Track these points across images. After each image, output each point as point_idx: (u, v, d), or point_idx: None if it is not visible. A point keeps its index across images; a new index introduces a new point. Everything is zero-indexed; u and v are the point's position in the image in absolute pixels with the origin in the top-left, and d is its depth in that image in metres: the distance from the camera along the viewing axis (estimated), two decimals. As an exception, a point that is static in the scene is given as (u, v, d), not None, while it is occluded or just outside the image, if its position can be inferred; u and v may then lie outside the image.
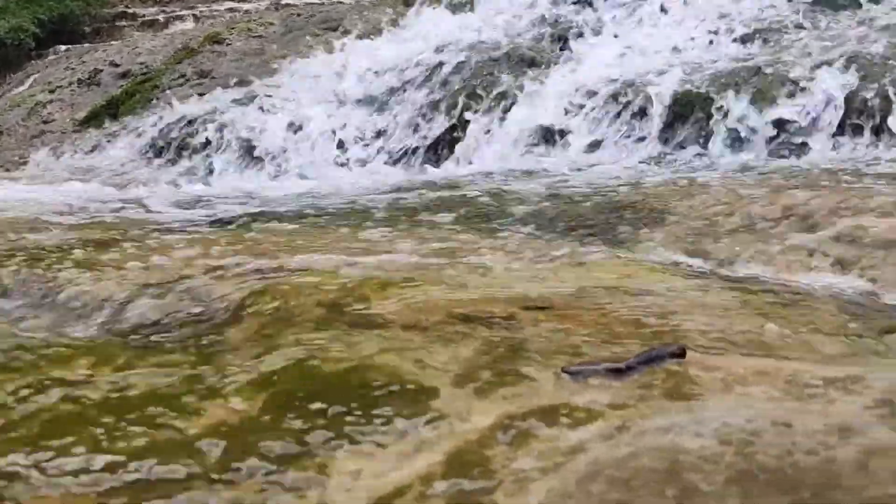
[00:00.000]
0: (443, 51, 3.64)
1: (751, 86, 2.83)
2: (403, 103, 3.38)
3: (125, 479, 0.96)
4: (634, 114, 2.89)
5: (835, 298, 1.56)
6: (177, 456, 0.99)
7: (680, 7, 3.53)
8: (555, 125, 3.01)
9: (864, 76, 2.82)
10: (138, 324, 1.50)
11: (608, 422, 1.00)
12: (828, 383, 1.08)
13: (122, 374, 1.25)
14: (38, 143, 5.08)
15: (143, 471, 0.97)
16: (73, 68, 6.96)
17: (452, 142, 3.16)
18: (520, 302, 1.47)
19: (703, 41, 3.28)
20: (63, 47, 8.08)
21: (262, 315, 1.47)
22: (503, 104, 3.21)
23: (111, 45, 7.54)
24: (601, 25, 3.56)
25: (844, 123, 2.76)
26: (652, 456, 0.89)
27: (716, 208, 2.05)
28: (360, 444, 1.00)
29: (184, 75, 5.47)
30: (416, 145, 3.19)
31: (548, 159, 2.85)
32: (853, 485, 0.81)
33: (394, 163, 3.13)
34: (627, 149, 2.78)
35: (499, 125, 3.08)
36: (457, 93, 3.34)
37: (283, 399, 1.12)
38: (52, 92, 6.37)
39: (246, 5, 9.03)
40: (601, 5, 3.73)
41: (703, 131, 2.76)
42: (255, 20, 6.16)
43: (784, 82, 2.82)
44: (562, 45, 3.51)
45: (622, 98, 2.96)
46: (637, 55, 3.31)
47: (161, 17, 9.18)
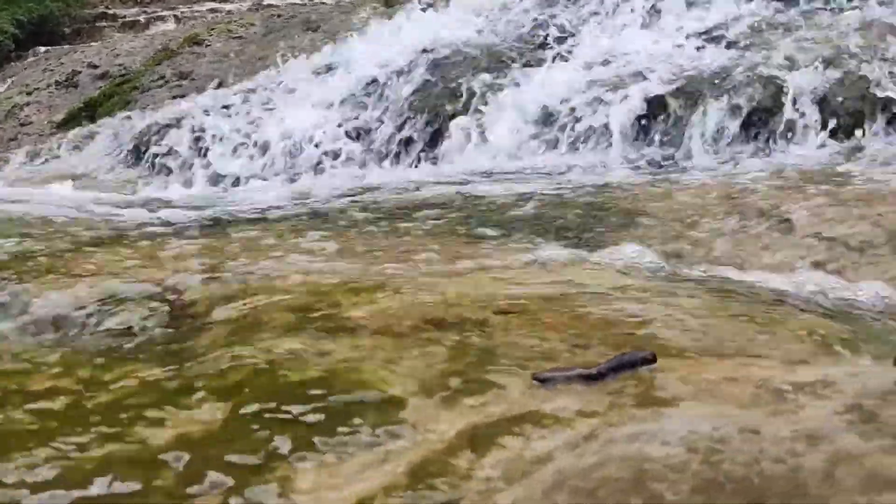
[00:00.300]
0: (423, 51, 3.63)
1: (727, 87, 2.83)
2: (383, 104, 3.36)
3: (84, 494, 0.94)
4: (612, 116, 2.89)
5: (809, 300, 1.56)
6: (138, 470, 0.97)
7: (658, 9, 3.53)
8: (533, 127, 3.00)
9: (839, 77, 2.83)
10: (105, 332, 1.48)
11: (576, 430, 0.99)
12: (798, 388, 1.07)
13: (85, 384, 1.23)
14: (14, 145, 5.02)
15: (103, 486, 0.95)
16: (51, 70, 6.89)
17: (432, 143, 3.14)
18: (493, 306, 1.46)
19: (681, 43, 3.28)
20: (42, 49, 8.00)
21: (231, 321, 1.45)
22: (483, 105, 3.19)
23: (91, 46, 7.47)
24: (581, 26, 3.56)
25: (820, 124, 2.76)
26: (618, 465, 0.88)
27: (690, 210, 2.05)
28: (324, 456, 0.98)
29: (163, 77, 5.42)
30: (395, 147, 3.17)
31: (526, 161, 2.84)
32: (819, 493, 0.80)
33: (372, 164, 3.11)
34: (604, 151, 2.77)
35: (478, 127, 3.07)
36: (437, 94, 3.33)
37: (249, 409, 1.10)
38: (29, 94, 6.31)
39: (228, 6, 8.97)
40: (582, 6, 3.73)
41: (679, 133, 2.76)
42: (235, 21, 6.12)
43: (760, 83, 2.82)
44: (542, 46, 3.50)
45: (599, 100, 2.95)
46: (615, 57, 3.30)
47: (142, 17, 9.11)
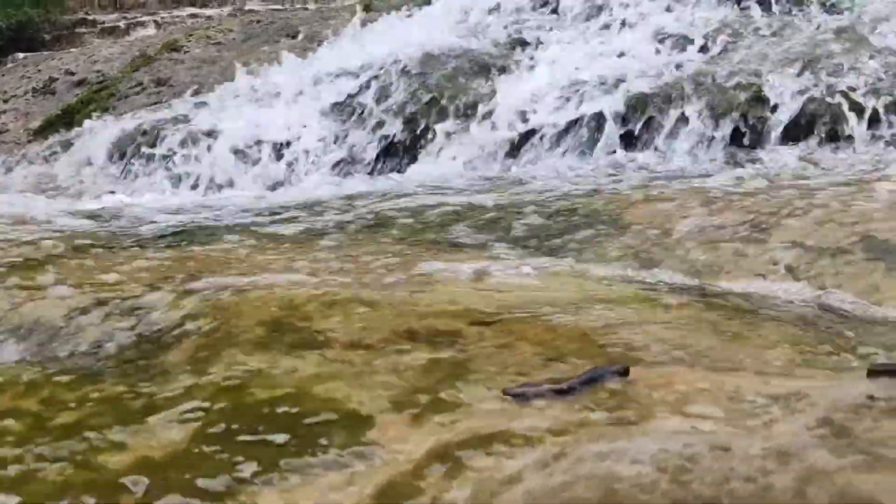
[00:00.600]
0: (402, 57, 3.61)
1: (708, 92, 2.83)
2: (359, 112, 3.34)
3: (39, 521, 0.91)
4: (593, 121, 2.88)
5: (785, 308, 1.55)
6: (96, 495, 0.95)
7: (639, 14, 3.53)
8: (514, 132, 2.99)
9: (819, 81, 2.84)
10: (72, 348, 1.45)
11: (546, 448, 0.97)
12: (771, 401, 1.06)
13: (48, 404, 1.20)
14: (-11, 154, 4.95)
15: (59, 512, 0.92)
16: (28, 77, 6.81)
17: (412, 150, 3.12)
18: (467, 317, 1.44)
19: (662, 47, 3.28)
20: (21, 55, 7.91)
21: (200, 336, 1.42)
22: (463, 111, 3.18)
23: (69, 52, 7.40)
24: (562, 31, 3.55)
25: (801, 128, 2.77)
26: (587, 485, 0.86)
27: (671, 216, 2.04)
28: (289, 478, 0.96)
29: (140, 83, 5.37)
30: (375, 153, 3.15)
31: (503, 167, 2.83)
32: (789, 513, 0.79)
33: (348, 172, 3.09)
34: (585, 156, 2.76)
35: (459, 132, 3.06)
36: (417, 100, 3.31)
37: (214, 429, 1.07)
38: (6, 101, 6.23)
39: (208, 11, 8.92)
40: (563, 11, 3.73)
41: (661, 138, 2.76)
42: (213, 27, 6.08)
43: (737, 89, 2.82)
44: (519, 52, 3.49)
45: (580, 105, 2.95)
46: (596, 61, 3.30)
47: (122, 23, 9.04)
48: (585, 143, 2.84)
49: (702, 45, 3.19)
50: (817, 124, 2.71)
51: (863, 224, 1.89)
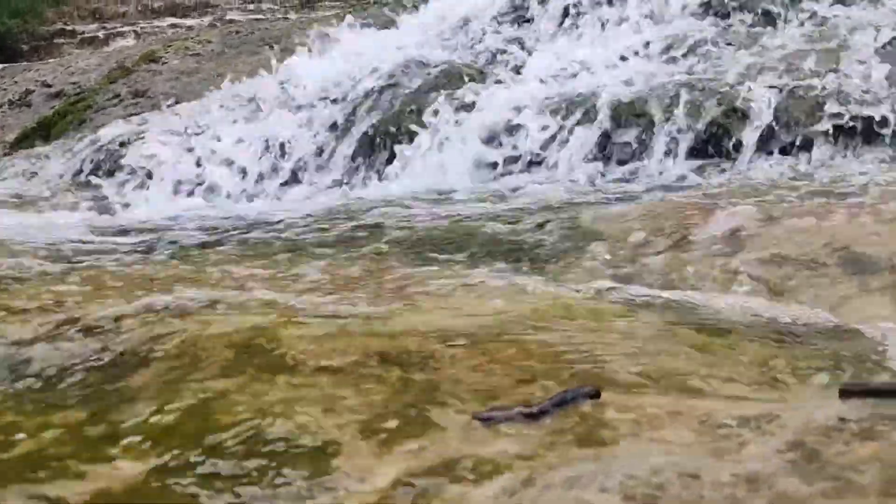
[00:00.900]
0: (378, 68, 3.59)
1: (685, 101, 2.83)
2: (335, 124, 3.32)
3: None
4: (568, 133, 2.87)
5: (759, 324, 1.54)
6: (50, 530, 0.92)
7: (617, 24, 3.54)
8: (491, 144, 2.98)
9: (791, 92, 2.85)
10: (34, 372, 1.41)
11: (515, 475, 0.96)
12: (742, 423, 1.05)
13: (6, 432, 1.17)
14: (-37, 167, 4.88)
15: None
16: (4, 89, 6.74)
17: (385, 163, 3.10)
18: (439, 337, 1.42)
19: (640, 57, 3.29)
20: (-1, 66, 7.84)
21: (167, 359, 1.39)
22: (440, 123, 3.17)
23: (46, 63, 7.34)
24: (536, 43, 3.55)
25: (777, 138, 2.78)
26: (554, 515, 0.85)
27: (642, 230, 2.03)
28: (250, 510, 0.93)
29: (118, 95, 5.32)
30: (349, 166, 3.13)
31: (479, 180, 2.81)
32: (758, 543, 0.77)
33: (323, 185, 3.06)
34: (557, 169, 2.76)
35: (434, 144, 3.04)
36: (390, 113, 3.30)
37: (176, 459, 1.05)
38: (-19, 114, 6.16)
39: (188, 21, 8.88)
40: (539, 22, 3.73)
41: (638, 148, 2.76)
42: (192, 38, 6.04)
43: (714, 99, 2.83)
44: (496, 63, 3.49)
45: (553, 117, 2.94)
46: (574, 72, 3.30)
47: (101, 34, 8.98)
48: (560, 156, 2.83)
49: (678, 56, 3.20)
50: (792, 134, 2.71)
51: (837, 236, 1.89)
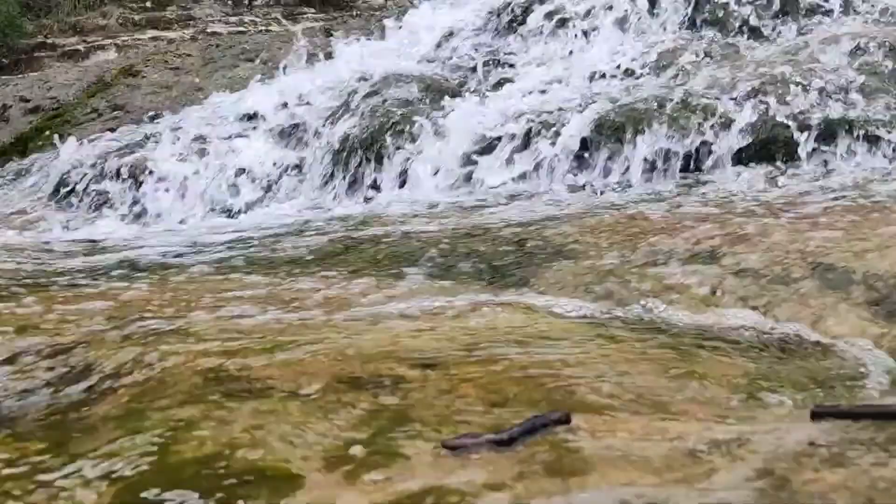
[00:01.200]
0: (360, 82, 3.58)
1: (662, 115, 2.83)
2: (317, 138, 3.30)
3: None
4: (550, 146, 2.87)
5: (733, 339, 1.53)
6: (3, 571, 0.89)
7: (599, 38, 3.55)
8: (471, 158, 2.97)
9: (771, 103, 2.85)
10: (-4, 401, 1.38)
11: (481, 506, 0.94)
12: (713, 447, 1.03)
13: (-37, 466, 1.14)
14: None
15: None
16: (-19, 103, 6.67)
17: (366, 178, 3.09)
18: (411, 359, 1.40)
19: (618, 72, 3.29)
20: (-25, 81, 7.77)
21: (133, 385, 1.37)
22: (421, 137, 3.16)
23: (25, 77, 7.28)
24: (517, 56, 3.55)
25: (754, 152, 2.78)
26: (519, 549, 0.83)
27: (622, 244, 2.02)
28: (209, 547, 0.91)
29: (96, 110, 5.29)
30: (329, 181, 3.11)
31: (460, 194, 2.80)
32: (724, 577, 0.76)
33: (305, 200, 3.04)
34: (538, 182, 2.75)
35: (412, 160, 3.03)
36: (374, 126, 3.28)
37: (134, 494, 1.02)
38: (-42, 129, 6.10)
39: (170, 34, 8.84)
40: (523, 34, 3.73)
41: (616, 162, 2.76)
42: (171, 52, 6.01)
43: (696, 111, 2.83)
44: (477, 76, 3.49)
45: (534, 130, 2.94)
46: (555, 85, 3.30)
47: (81, 47, 8.92)
48: (540, 168, 2.83)
49: (657, 69, 3.20)
50: (770, 148, 2.72)
51: (813, 251, 1.89)
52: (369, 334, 1.54)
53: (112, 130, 4.49)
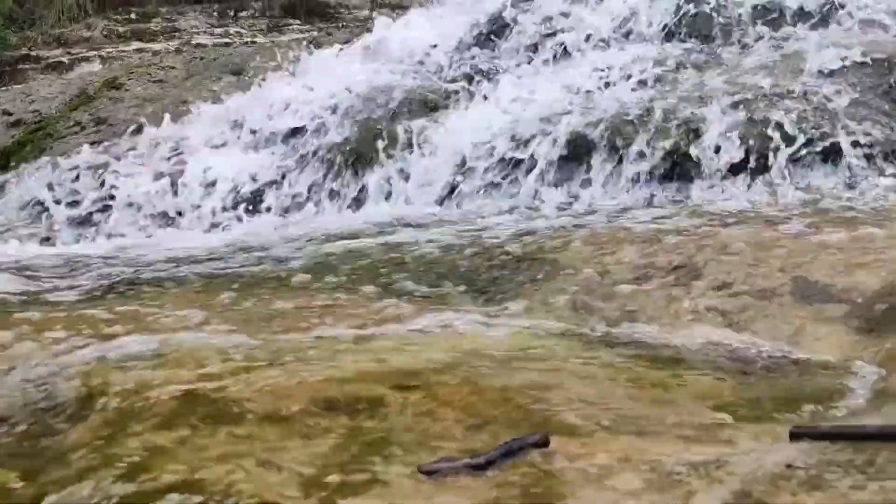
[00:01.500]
0: (342, 95, 3.57)
1: (641, 129, 2.83)
2: (302, 151, 3.28)
3: None
4: (532, 159, 2.87)
5: (712, 358, 1.52)
6: None
7: (578, 52, 3.55)
8: (452, 174, 2.96)
9: (753, 115, 2.86)
10: (-31, 427, 1.36)
11: (457, 534, 0.92)
12: (691, 469, 1.03)
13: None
14: (-82, 200, 4.76)
15: None
16: (-36, 117, 6.62)
17: (352, 191, 3.07)
18: (390, 380, 1.39)
19: (599, 85, 3.30)
20: (-42, 94, 7.71)
21: (109, 410, 1.35)
22: (402, 151, 3.15)
23: (7, 90, 7.22)
24: (499, 69, 3.55)
25: (735, 163, 2.78)
26: (494, 580, 0.81)
27: (602, 260, 2.01)
28: (180, 580, 0.89)
29: (79, 123, 5.25)
30: (312, 196, 3.09)
31: (444, 208, 2.79)
32: None
33: (290, 214, 3.02)
34: (519, 197, 2.74)
35: (395, 174, 3.02)
36: (357, 140, 3.27)
37: (106, 523, 1.00)
38: (-60, 143, 6.05)
39: (155, 46, 8.80)
40: (506, 49, 3.73)
41: (596, 176, 2.75)
42: (155, 64, 5.98)
43: (674, 125, 2.84)
44: (460, 89, 3.48)
45: (520, 143, 2.93)
46: (534, 99, 3.30)
47: (66, 58, 8.87)
48: (523, 185, 2.82)
49: (639, 81, 3.21)
50: (751, 159, 2.72)
51: (793, 265, 1.89)
52: (351, 355, 1.52)
53: (94, 144, 4.46)
